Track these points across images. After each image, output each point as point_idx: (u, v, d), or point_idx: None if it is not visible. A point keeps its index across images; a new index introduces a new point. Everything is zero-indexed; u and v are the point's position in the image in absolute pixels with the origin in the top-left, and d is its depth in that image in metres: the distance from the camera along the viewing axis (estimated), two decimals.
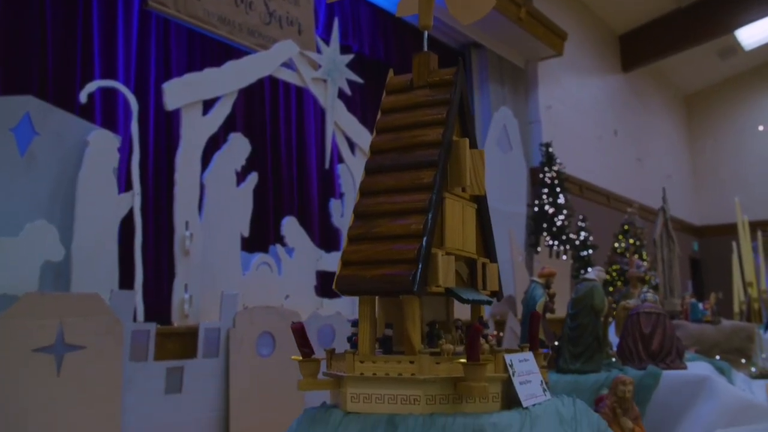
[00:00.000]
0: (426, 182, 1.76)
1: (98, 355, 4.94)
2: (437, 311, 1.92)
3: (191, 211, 6.37)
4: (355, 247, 1.80)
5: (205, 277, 6.44)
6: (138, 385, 5.32)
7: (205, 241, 6.45)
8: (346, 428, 1.64)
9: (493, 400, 1.71)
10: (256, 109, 8.50)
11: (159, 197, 7.03)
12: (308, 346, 1.78)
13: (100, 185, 5.65)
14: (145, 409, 5.32)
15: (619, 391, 2.31)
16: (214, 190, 6.64)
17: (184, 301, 6.21)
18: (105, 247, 5.65)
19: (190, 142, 6.47)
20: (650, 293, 3.02)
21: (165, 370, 5.58)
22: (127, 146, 6.32)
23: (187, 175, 6.38)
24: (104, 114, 6.78)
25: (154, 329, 5.49)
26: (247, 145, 7.03)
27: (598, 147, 14.80)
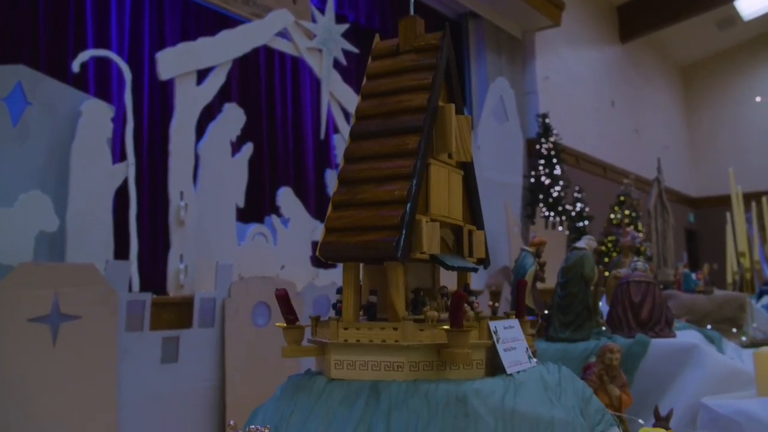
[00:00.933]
0: (411, 148, 1.75)
1: (94, 325, 4.96)
2: (422, 278, 1.92)
3: (186, 182, 6.36)
4: (339, 213, 1.79)
5: (200, 248, 6.44)
6: (134, 354, 5.34)
7: (200, 211, 6.44)
8: (329, 395, 1.65)
9: (477, 366, 1.72)
10: (252, 79, 8.44)
11: (154, 168, 7.01)
12: (292, 312, 1.78)
13: (94, 156, 5.62)
14: (141, 379, 5.35)
15: (607, 359, 2.32)
16: (209, 161, 6.62)
17: (179, 271, 6.22)
18: (99, 218, 5.64)
19: (184, 112, 6.43)
20: (640, 262, 3.02)
21: (161, 339, 5.61)
22: (121, 116, 6.28)
23: (181, 146, 6.36)
24: (98, 84, 6.73)
25: (150, 299, 5.51)
26: (242, 116, 6.99)
27: (595, 118, 14.74)
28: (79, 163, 5.50)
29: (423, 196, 1.76)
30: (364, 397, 1.60)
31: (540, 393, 1.66)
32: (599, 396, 2.33)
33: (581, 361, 2.61)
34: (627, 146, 15.90)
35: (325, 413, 1.60)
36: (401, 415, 1.54)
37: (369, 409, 1.58)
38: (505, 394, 1.57)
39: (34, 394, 4.58)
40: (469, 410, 1.51)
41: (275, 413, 1.68)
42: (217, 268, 6.15)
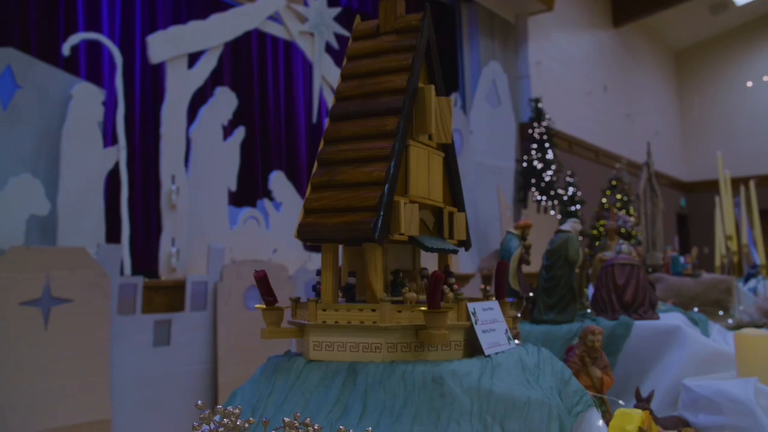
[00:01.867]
0: (389, 129, 1.75)
1: (86, 309, 4.98)
2: (402, 260, 1.93)
3: (177, 165, 6.35)
4: (318, 194, 1.80)
5: (192, 231, 6.45)
6: (126, 338, 5.37)
7: (192, 195, 6.44)
8: (307, 376, 1.66)
9: (455, 348, 1.73)
10: (244, 63, 8.41)
11: (146, 151, 6.99)
12: (271, 294, 1.79)
13: (84, 139, 5.61)
14: (134, 362, 5.38)
15: (588, 341, 2.33)
16: (201, 145, 6.61)
17: (171, 254, 6.23)
18: (91, 201, 5.64)
19: (175, 95, 6.41)
20: (625, 245, 3.04)
21: (153, 323, 5.64)
22: (113, 100, 6.26)
23: (172, 129, 6.35)
24: (89, 67, 6.69)
25: (142, 283, 5.52)
26: (234, 99, 6.97)
27: (588, 103, 14.72)
28: (69, 146, 5.49)
29: (402, 177, 1.76)
30: (341, 378, 1.61)
31: (517, 374, 1.67)
32: (581, 377, 2.36)
33: (565, 343, 2.63)
34: (619, 131, 15.90)
35: (302, 394, 1.62)
36: (378, 395, 1.56)
37: (346, 389, 1.59)
38: (481, 375, 1.58)
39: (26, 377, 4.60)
40: (445, 391, 1.52)
41: (253, 394, 1.69)
42: (209, 251, 6.17)
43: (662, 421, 2.39)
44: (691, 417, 2.44)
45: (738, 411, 2.29)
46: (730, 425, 2.25)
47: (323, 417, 1.54)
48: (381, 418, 1.51)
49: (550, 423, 1.55)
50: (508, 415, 1.54)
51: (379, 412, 1.53)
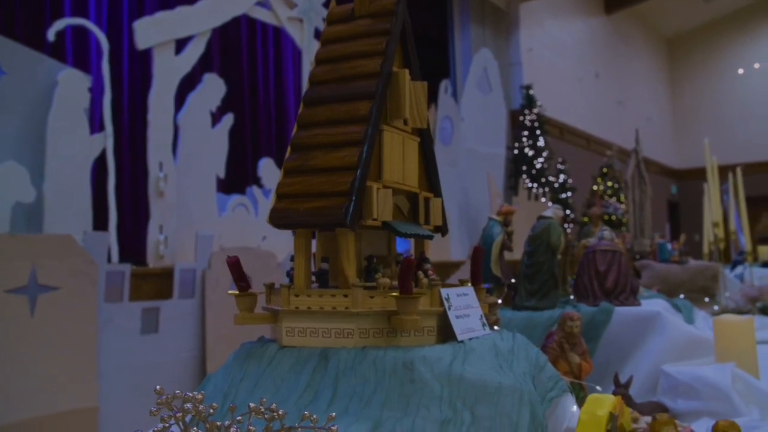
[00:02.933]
0: (362, 114, 1.73)
1: (72, 296, 4.96)
2: (377, 246, 1.92)
3: (165, 152, 6.32)
4: (290, 179, 1.78)
5: (180, 219, 6.43)
6: (114, 325, 5.35)
7: (180, 182, 6.42)
8: (279, 362, 1.65)
9: (428, 333, 1.72)
10: (233, 49, 8.36)
11: (134, 138, 6.95)
12: (244, 280, 1.78)
13: (71, 126, 5.58)
14: (122, 349, 5.37)
15: (567, 327, 2.33)
16: (189, 131, 6.59)
17: (159, 242, 6.22)
18: (77, 189, 5.61)
19: (162, 82, 6.38)
20: (607, 231, 3.03)
21: (141, 310, 5.63)
22: (100, 86, 6.22)
23: (160, 116, 6.32)
24: (75, 53, 6.64)
25: (129, 270, 5.51)
26: (222, 86, 6.94)
27: (579, 89, 14.70)
28: (55, 133, 5.46)
29: (375, 162, 1.75)
30: (312, 364, 1.61)
31: (490, 360, 1.67)
32: (559, 364, 2.36)
33: (545, 329, 2.63)
34: (610, 118, 15.89)
35: (273, 380, 1.61)
36: (348, 381, 1.55)
37: (317, 375, 1.59)
38: (453, 361, 1.58)
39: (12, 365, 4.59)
40: (416, 376, 1.52)
41: (225, 380, 1.69)
42: (197, 239, 6.14)
43: (641, 407, 2.39)
44: (669, 402, 2.45)
45: (715, 396, 2.29)
46: (708, 410, 2.26)
47: (292, 403, 1.54)
48: (350, 404, 1.51)
49: (521, 408, 1.54)
50: (478, 401, 1.53)
51: (348, 398, 1.53)
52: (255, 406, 1.32)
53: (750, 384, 2.29)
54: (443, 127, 9.85)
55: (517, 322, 2.77)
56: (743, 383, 2.30)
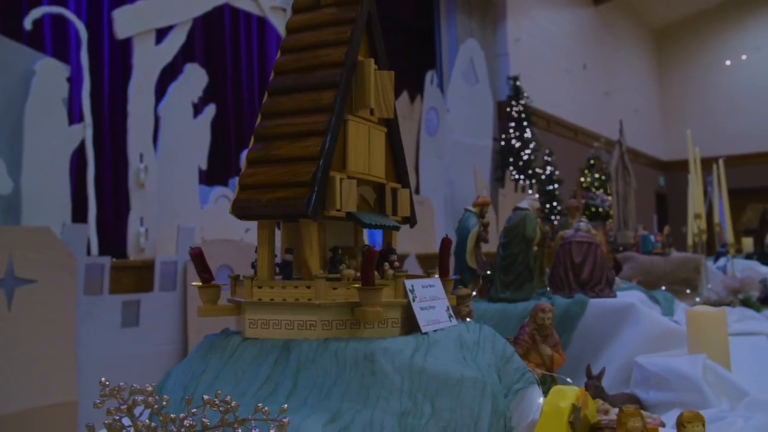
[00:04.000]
0: (326, 103, 1.71)
1: (51, 289, 4.91)
2: (343, 237, 1.90)
3: (146, 144, 6.26)
4: (253, 170, 1.76)
5: (162, 211, 6.38)
6: (94, 319, 5.31)
7: (162, 173, 6.36)
8: (241, 354, 1.63)
9: (392, 325, 1.70)
10: (216, 39, 8.29)
11: (115, 129, 6.88)
12: (208, 271, 1.76)
13: (49, 116, 5.51)
14: (102, 343, 5.32)
15: (539, 319, 2.32)
16: (170, 122, 6.52)
17: (139, 234, 6.16)
18: (56, 180, 5.55)
19: (142, 72, 6.31)
20: (583, 223, 3.02)
21: (121, 303, 5.58)
22: (79, 76, 6.15)
23: (140, 107, 6.25)
24: (54, 43, 6.56)
25: (109, 263, 5.45)
26: (204, 77, 6.87)
27: (567, 81, 14.69)
28: (33, 123, 5.39)
29: (339, 152, 1.72)
30: (274, 356, 1.59)
31: (454, 352, 1.65)
32: (531, 355, 2.35)
33: (520, 321, 2.62)
34: (598, 109, 15.89)
35: (234, 372, 1.59)
36: (309, 373, 1.53)
37: (278, 367, 1.57)
38: (415, 353, 1.56)
39: None
40: (376, 368, 1.50)
41: (187, 373, 1.67)
42: (178, 231, 6.10)
43: (613, 399, 2.38)
44: (642, 394, 2.44)
45: (686, 387, 2.29)
46: (679, 401, 2.25)
47: (251, 395, 1.51)
48: (309, 396, 1.49)
49: (483, 400, 1.52)
50: (439, 393, 1.51)
51: (308, 390, 1.50)
52: (208, 399, 1.30)
53: (720, 375, 2.28)
54: (429, 118, 9.82)
55: (491, 313, 2.76)
56: (714, 374, 2.29)
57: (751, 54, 19.58)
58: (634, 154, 17.59)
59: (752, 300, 4.84)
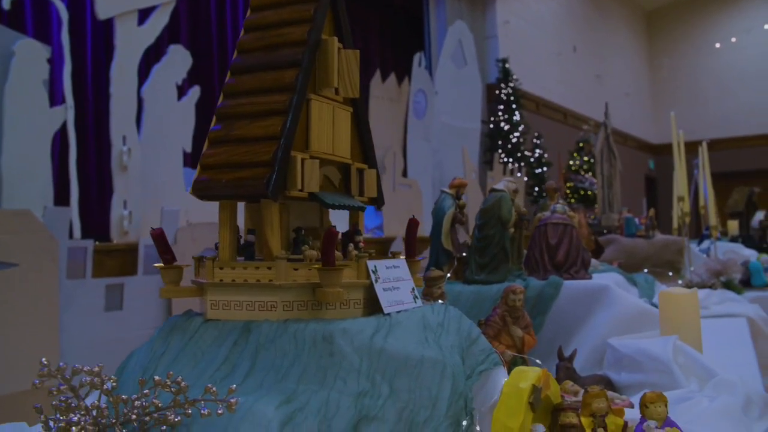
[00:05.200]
0: (288, 83, 1.68)
1: (32, 273, 4.87)
2: (308, 218, 1.88)
3: (129, 126, 6.21)
4: (214, 150, 1.74)
5: (146, 194, 6.34)
6: (76, 302, 5.28)
7: (145, 156, 6.31)
8: (202, 335, 1.62)
9: (354, 306, 1.69)
10: (201, 20, 8.21)
11: (98, 111, 6.83)
12: (169, 252, 1.74)
13: (29, 98, 5.45)
14: (85, 327, 5.30)
15: (510, 300, 2.31)
16: (153, 104, 6.46)
17: (123, 217, 6.13)
18: (37, 163, 5.50)
19: (125, 53, 6.24)
20: (560, 205, 3.01)
21: (104, 287, 5.55)
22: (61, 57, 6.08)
23: (123, 89, 6.19)
24: (35, 23, 6.48)
25: (92, 246, 5.42)
26: (188, 58, 6.81)
27: (557, 63, 14.62)
28: (13, 105, 5.33)
29: (302, 132, 1.70)
30: (233, 337, 1.58)
31: (417, 333, 1.64)
32: (502, 337, 2.34)
33: (494, 303, 2.61)
34: (588, 92, 15.84)
35: (193, 354, 1.58)
36: (268, 354, 1.52)
37: (237, 348, 1.55)
38: (375, 334, 1.55)
39: None
40: (335, 349, 1.49)
41: (148, 354, 1.65)
42: (162, 213, 6.06)
43: (584, 380, 2.38)
44: (614, 375, 2.45)
45: (657, 368, 2.29)
46: (650, 382, 2.25)
47: (209, 376, 1.50)
48: (266, 377, 1.48)
49: (443, 381, 1.52)
50: (398, 374, 1.51)
51: (266, 371, 1.49)
52: (159, 379, 1.29)
53: (690, 356, 2.28)
54: (417, 100, 9.79)
55: (466, 295, 2.75)
56: (684, 355, 2.29)
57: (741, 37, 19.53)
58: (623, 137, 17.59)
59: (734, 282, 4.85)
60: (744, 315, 3.81)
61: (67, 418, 1.15)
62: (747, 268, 5.24)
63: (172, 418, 1.26)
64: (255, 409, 1.30)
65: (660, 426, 1.65)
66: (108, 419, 1.27)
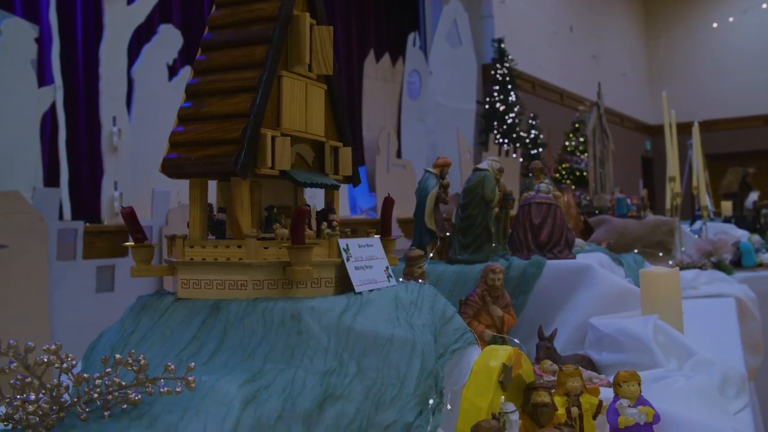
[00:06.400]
0: (258, 59, 1.66)
1: (21, 255, 4.85)
2: (282, 196, 1.86)
3: (118, 106, 6.17)
4: (184, 127, 1.72)
5: (136, 175, 6.32)
6: (67, 284, 5.27)
7: (136, 137, 6.29)
8: (171, 314, 1.61)
9: (325, 285, 1.68)
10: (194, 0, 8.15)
11: (89, 92, 6.79)
12: (140, 231, 1.73)
13: (16, 78, 5.41)
14: (75, 309, 5.30)
15: (489, 280, 2.30)
16: (144, 85, 6.43)
17: (113, 198, 6.11)
18: (26, 144, 5.47)
19: (114, 32, 6.19)
20: (544, 184, 2.99)
21: (95, 268, 5.54)
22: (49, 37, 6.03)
23: (112, 68, 6.15)
24: (23, 2, 6.42)
25: (82, 227, 5.40)
26: (179, 38, 6.76)
27: (553, 43, 14.54)
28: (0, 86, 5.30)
29: (273, 109, 1.68)
30: (202, 316, 1.57)
31: (388, 311, 1.63)
32: (482, 317, 2.33)
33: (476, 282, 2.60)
34: (585, 72, 15.76)
35: (162, 332, 1.57)
36: (236, 333, 1.51)
37: (205, 327, 1.55)
38: (344, 312, 1.54)
39: None
40: (302, 328, 1.48)
41: (118, 333, 1.64)
42: (153, 195, 6.05)
43: (565, 360, 2.38)
44: (595, 355, 2.44)
45: (637, 348, 2.29)
46: (631, 362, 2.25)
47: (175, 355, 1.49)
48: (233, 356, 1.47)
49: (412, 360, 1.51)
50: (366, 352, 1.50)
51: (233, 350, 1.48)
52: (120, 358, 1.28)
53: (671, 335, 2.28)
54: (411, 80, 9.74)
55: (449, 275, 2.74)
56: (664, 335, 2.29)
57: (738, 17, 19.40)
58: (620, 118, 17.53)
59: (724, 263, 4.85)
60: (732, 295, 3.81)
61: (24, 397, 1.14)
62: (738, 249, 5.24)
63: (133, 396, 1.25)
64: (217, 387, 1.30)
65: (633, 405, 1.64)
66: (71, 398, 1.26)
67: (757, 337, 3.77)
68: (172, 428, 1.20)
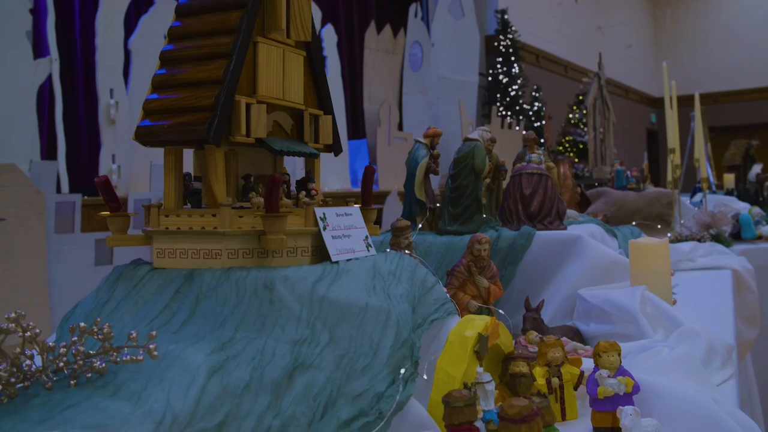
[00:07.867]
0: (233, 25, 1.63)
1: (19, 227, 4.86)
2: (260, 165, 1.84)
3: (116, 78, 6.13)
4: (158, 94, 1.69)
5: (135, 148, 6.28)
6: (65, 257, 5.27)
7: (134, 109, 6.25)
8: (146, 284, 1.60)
9: (301, 254, 1.66)
10: None
11: (87, 63, 6.74)
12: (116, 200, 1.71)
13: (11, 50, 5.36)
14: (74, 281, 5.30)
15: (475, 250, 2.28)
16: (142, 56, 6.37)
17: (112, 171, 6.09)
18: (22, 117, 5.44)
19: (110, 4, 6.13)
20: (535, 155, 2.95)
21: (94, 241, 5.54)
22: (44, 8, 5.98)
23: (109, 40, 6.10)
24: None
25: (80, 200, 5.40)
26: None
27: (558, 15, 14.36)
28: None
29: (248, 76, 1.65)
30: (176, 285, 1.55)
31: (364, 281, 1.61)
32: (468, 287, 2.31)
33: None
34: (589, 44, 15.58)
35: (136, 302, 1.56)
36: (209, 302, 1.50)
37: (178, 296, 1.53)
38: (318, 281, 1.52)
39: None
40: (275, 297, 1.46)
41: (92, 303, 1.63)
42: (151, 167, 6.03)
43: (553, 331, 2.36)
44: (583, 326, 2.43)
45: (624, 319, 2.27)
46: (618, 333, 2.23)
47: (146, 324, 1.48)
48: (204, 325, 1.45)
49: (386, 329, 1.49)
50: (340, 321, 1.48)
51: (205, 319, 1.47)
52: (85, 326, 1.27)
53: (658, 306, 2.26)
54: (413, 52, 9.65)
55: (438, 246, 2.72)
56: (652, 306, 2.27)
57: None
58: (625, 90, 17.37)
59: (723, 235, 4.81)
60: (729, 267, 3.78)
61: None
62: (737, 221, 5.20)
63: (98, 365, 1.24)
64: (184, 356, 1.28)
65: (612, 375, 1.62)
66: (34, 366, 1.25)
67: (753, 310, 3.75)
68: (135, 396, 1.19)
